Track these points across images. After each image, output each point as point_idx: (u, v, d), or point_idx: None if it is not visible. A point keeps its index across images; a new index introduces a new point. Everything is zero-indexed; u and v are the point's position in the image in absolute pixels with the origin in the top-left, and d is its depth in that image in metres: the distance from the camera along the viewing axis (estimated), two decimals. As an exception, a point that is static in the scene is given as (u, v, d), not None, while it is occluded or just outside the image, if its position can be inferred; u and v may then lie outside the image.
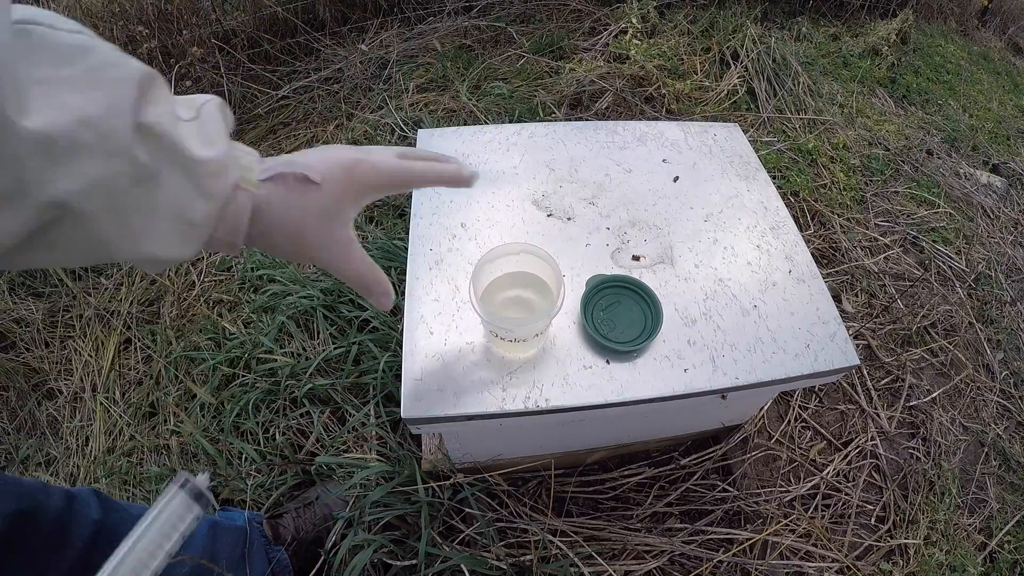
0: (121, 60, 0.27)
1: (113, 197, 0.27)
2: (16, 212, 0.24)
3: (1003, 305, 1.30)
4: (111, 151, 0.26)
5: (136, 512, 0.61)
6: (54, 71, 0.25)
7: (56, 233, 0.26)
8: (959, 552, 0.90)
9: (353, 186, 0.36)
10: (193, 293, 1.15)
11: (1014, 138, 1.85)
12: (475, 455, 0.78)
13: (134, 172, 0.27)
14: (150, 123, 0.28)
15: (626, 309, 0.63)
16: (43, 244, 0.26)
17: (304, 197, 0.34)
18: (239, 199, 0.32)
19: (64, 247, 0.27)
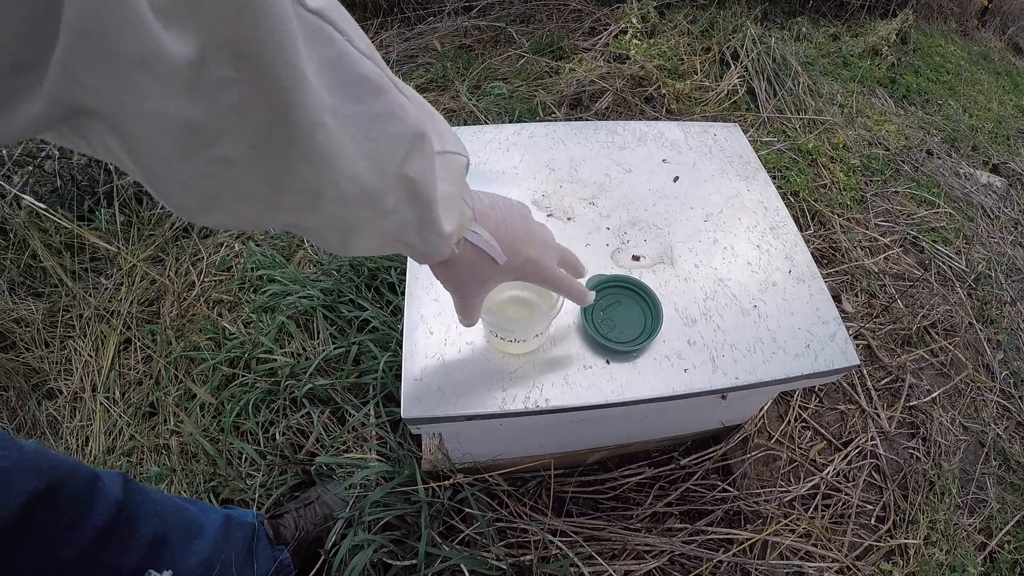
0: (401, 112, 0.28)
1: (348, 227, 0.30)
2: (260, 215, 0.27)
3: (1003, 305, 1.30)
4: (364, 203, 0.29)
5: (157, 497, 0.61)
6: (343, 104, 0.24)
7: (284, 228, 0.29)
8: (959, 552, 0.90)
9: (517, 274, 0.45)
10: (193, 293, 1.15)
11: (1014, 138, 1.85)
12: (475, 455, 0.78)
13: (377, 215, 0.30)
14: (411, 177, 0.30)
15: (626, 309, 0.63)
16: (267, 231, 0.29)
17: (481, 267, 0.42)
18: (444, 250, 0.38)
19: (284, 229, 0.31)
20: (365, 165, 0.27)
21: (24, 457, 0.47)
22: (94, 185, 1.30)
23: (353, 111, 0.25)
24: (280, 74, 0.21)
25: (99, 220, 1.25)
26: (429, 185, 0.31)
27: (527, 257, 0.44)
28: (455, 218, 0.36)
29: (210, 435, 0.93)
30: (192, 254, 1.23)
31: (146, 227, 1.29)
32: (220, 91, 0.20)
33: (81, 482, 0.52)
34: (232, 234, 1.25)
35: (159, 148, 0.20)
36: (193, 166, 0.22)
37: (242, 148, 0.22)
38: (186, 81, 0.19)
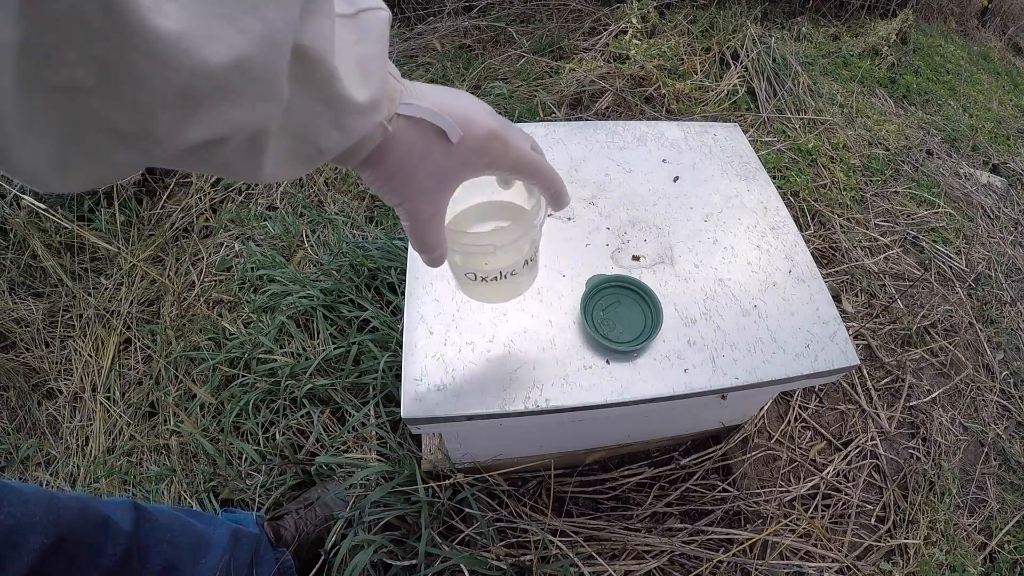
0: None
1: (251, 139, 0.24)
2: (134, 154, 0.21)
3: (1003, 305, 1.30)
4: (262, 95, 0.22)
5: (166, 520, 0.61)
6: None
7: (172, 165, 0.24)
8: (959, 552, 0.90)
9: (480, 159, 0.35)
10: (193, 293, 1.15)
11: (1014, 138, 1.85)
12: (475, 455, 0.78)
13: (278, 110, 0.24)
14: (306, 46, 0.23)
15: (626, 309, 0.63)
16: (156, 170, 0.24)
17: (430, 151, 0.32)
18: (374, 135, 0.30)
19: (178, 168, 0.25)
20: (245, 42, 0.21)
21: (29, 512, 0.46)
22: (94, 185, 1.29)
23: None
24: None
25: (99, 220, 1.25)
26: (327, 53, 0.25)
27: (490, 130, 0.34)
28: (377, 83, 0.28)
29: (210, 435, 0.93)
30: (192, 254, 1.23)
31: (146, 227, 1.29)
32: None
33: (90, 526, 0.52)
34: (232, 234, 1.25)
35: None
36: (38, 98, 0.18)
37: (87, 70, 0.18)
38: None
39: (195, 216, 1.30)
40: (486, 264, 0.44)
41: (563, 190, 0.41)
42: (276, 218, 1.25)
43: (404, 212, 0.35)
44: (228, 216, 1.28)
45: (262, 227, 1.24)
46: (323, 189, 1.32)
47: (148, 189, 1.36)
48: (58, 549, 0.48)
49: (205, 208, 1.32)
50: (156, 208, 1.32)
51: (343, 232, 1.18)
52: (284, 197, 1.32)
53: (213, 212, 1.32)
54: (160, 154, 0.22)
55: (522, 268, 0.46)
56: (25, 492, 0.48)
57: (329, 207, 1.27)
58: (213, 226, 1.28)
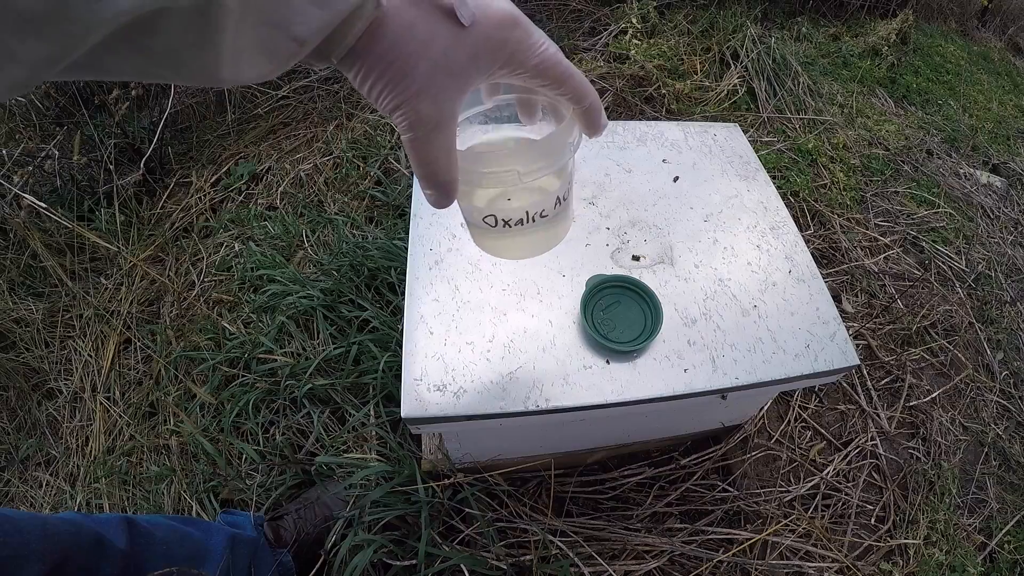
0: None
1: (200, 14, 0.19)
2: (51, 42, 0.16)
3: (1003, 305, 1.30)
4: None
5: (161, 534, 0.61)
6: None
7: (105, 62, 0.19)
8: (959, 552, 0.90)
9: (497, 51, 0.27)
10: (193, 293, 1.15)
11: (1014, 138, 1.85)
12: (475, 455, 0.78)
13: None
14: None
15: (626, 309, 0.63)
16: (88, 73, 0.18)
17: (435, 35, 0.25)
18: (363, 9, 0.23)
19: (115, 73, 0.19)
20: None
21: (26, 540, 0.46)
22: (94, 185, 1.30)
23: None
24: None
25: (99, 220, 1.25)
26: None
27: (509, 14, 0.27)
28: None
29: (210, 435, 0.93)
30: (192, 254, 1.23)
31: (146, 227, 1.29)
32: None
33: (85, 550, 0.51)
34: (232, 234, 1.25)
35: None
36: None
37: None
38: None
39: (195, 216, 1.30)
40: (508, 200, 0.33)
41: (598, 106, 0.32)
42: (276, 218, 1.25)
43: (403, 119, 0.27)
44: (228, 216, 1.28)
45: (262, 227, 1.24)
46: (323, 189, 1.32)
47: (148, 189, 1.36)
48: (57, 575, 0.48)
49: (205, 208, 1.32)
50: (156, 208, 1.32)
51: (343, 232, 1.18)
52: (284, 197, 1.32)
53: (213, 212, 1.33)
54: (81, 38, 0.17)
55: (553, 209, 0.35)
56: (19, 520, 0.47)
57: (329, 207, 1.27)
58: (213, 226, 1.28)
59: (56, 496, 0.94)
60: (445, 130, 0.27)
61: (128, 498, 0.91)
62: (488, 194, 0.33)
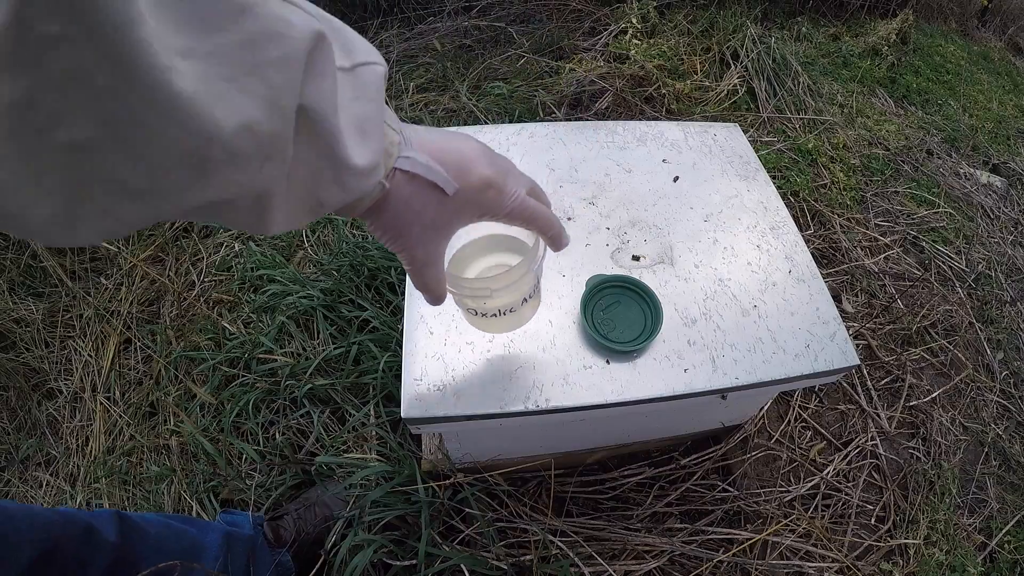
0: (285, 26, 0.22)
1: (258, 198, 0.24)
2: (143, 210, 0.21)
3: (1003, 305, 1.30)
4: (268, 156, 0.23)
5: (154, 529, 0.61)
6: (199, 39, 0.19)
7: (187, 218, 0.24)
8: (959, 552, 0.90)
9: (474, 209, 0.35)
10: (193, 293, 1.15)
11: (1014, 138, 1.85)
12: (475, 455, 0.78)
13: (284, 170, 0.24)
14: (309, 106, 0.24)
15: (626, 309, 0.63)
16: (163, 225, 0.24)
17: (426, 205, 0.33)
18: (372, 192, 0.30)
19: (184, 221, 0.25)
20: (252, 106, 0.21)
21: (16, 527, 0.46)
22: (94, 185, 1.29)
23: (216, 44, 0.19)
24: (110, 13, 0.16)
25: (99, 220, 1.25)
26: (329, 114, 0.25)
27: (483, 179, 0.34)
28: (375, 145, 0.28)
29: (210, 435, 0.93)
30: (192, 254, 1.23)
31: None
32: (47, 54, 0.16)
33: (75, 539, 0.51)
34: (232, 234, 1.25)
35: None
36: (41, 159, 0.18)
37: (92, 127, 0.18)
38: (3, 53, 0.15)
39: (195, 216, 1.30)
40: (485, 304, 0.45)
41: (560, 233, 0.41)
42: (276, 218, 1.24)
43: (403, 258, 0.36)
44: (228, 216, 1.28)
45: (262, 227, 1.24)
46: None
47: (148, 189, 1.36)
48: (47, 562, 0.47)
49: (205, 208, 1.32)
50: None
51: (343, 232, 1.18)
52: (284, 197, 1.32)
53: (213, 212, 1.32)
54: (167, 209, 0.22)
55: (521, 305, 0.48)
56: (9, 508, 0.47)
57: (329, 207, 1.27)
58: (213, 226, 1.28)
59: (56, 496, 0.94)
60: (434, 266, 0.37)
61: (128, 498, 0.91)
62: (471, 300, 0.45)
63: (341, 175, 0.27)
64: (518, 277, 0.44)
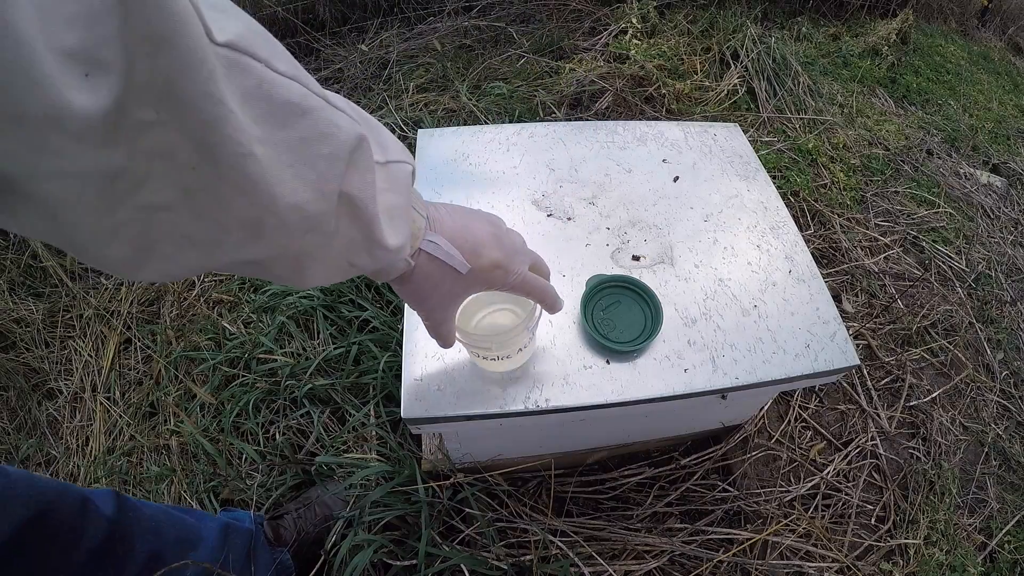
0: (333, 129, 0.27)
1: (298, 257, 0.29)
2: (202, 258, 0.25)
3: (1003, 305, 1.30)
4: (310, 228, 0.28)
5: (151, 512, 0.61)
6: (270, 133, 0.24)
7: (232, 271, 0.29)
8: (959, 552, 0.90)
9: (484, 283, 0.43)
10: (193, 293, 1.15)
11: (1014, 138, 1.85)
12: (475, 455, 0.78)
13: (323, 240, 0.29)
14: (351, 193, 0.29)
15: (626, 309, 0.63)
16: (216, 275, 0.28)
17: (442, 279, 0.40)
18: (398, 264, 0.36)
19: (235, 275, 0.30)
20: (304, 190, 0.26)
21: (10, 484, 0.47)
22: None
23: (281, 138, 0.24)
24: (202, 109, 0.20)
25: (99, 220, 1.25)
26: (369, 201, 0.30)
27: (492, 262, 0.41)
28: (403, 229, 0.34)
29: (210, 435, 0.93)
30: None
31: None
32: (141, 135, 0.19)
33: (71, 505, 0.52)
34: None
35: (80, 204, 0.19)
36: (121, 214, 0.21)
37: (171, 192, 0.22)
38: (102, 132, 0.18)
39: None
40: (487, 352, 0.54)
41: (554, 301, 0.49)
42: (276, 218, 1.25)
43: (422, 316, 0.44)
44: (228, 216, 1.28)
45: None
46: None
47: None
48: (40, 524, 0.48)
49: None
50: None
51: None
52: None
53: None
54: (221, 260, 0.26)
55: (516, 354, 0.55)
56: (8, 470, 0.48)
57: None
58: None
59: (56, 496, 0.94)
60: (447, 323, 0.45)
61: (128, 498, 0.91)
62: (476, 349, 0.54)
63: (374, 250, 0.33)
64: (516, 336, 0.52)
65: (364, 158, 0.29)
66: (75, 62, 0.17)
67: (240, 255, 0.26)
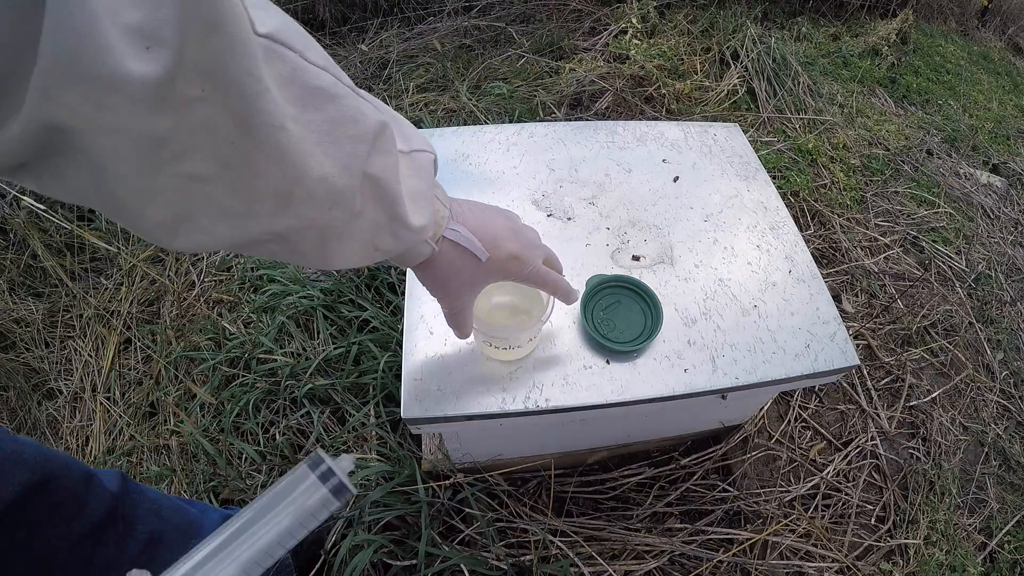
0: (358, 114, 0.29)
1: (322, 232, 0.31)
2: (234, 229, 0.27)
3: (1003, 305, 1.30)
4: (336, 203, 0.30)
5: (155, 496, 0.61)
6: (301, 113, 0.26)
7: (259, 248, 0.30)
8: (959, 552, 0.90)
9: (501, 273, 0.45)
10: (193, 293, 1.15)
11: (1014, 138, 1.85)
12: (475, 455, 0.78)
13: (347, 216, 0.31)
14: (375, 175, 0.31)
15: (626, 309, 0.63)
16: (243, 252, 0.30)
17: (463, 265, 0.42)
18: (421, 247, 0.39)
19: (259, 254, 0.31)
20: (331, 165, 0.28)
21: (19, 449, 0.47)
22: (94, 185, 1.29)
23: (312, 118, 0.27)
24: (244, 86, 0.23)
25: (99, 220, 1.25)
26: (393, 182, 0.32)
27: (510, 253, 0.44)
28: (426, 212, 0.36)
29: (210, 435, 0.93)
30: (192, 254, 1.23)
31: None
32: (188, 109, 0.22)
33: (76, 477, 0.52)
34: (232, 234, 1.25)
35: (128, 162, 0.22)
36: (163, 180, 0.23)
37: (211, 165, 0.24)
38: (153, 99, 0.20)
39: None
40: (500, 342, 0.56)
41: (567, 293, 0.51)
42: (276, 218, 1.24)
43: (442, 303, 0.47)
44: (228, 216, 1.28)
45: (262, 227, 1.24)
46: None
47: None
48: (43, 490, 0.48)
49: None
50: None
51: (343, 232, 1.18)
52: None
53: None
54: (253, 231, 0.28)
55: (526, 344, 0.58)
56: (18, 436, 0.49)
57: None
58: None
59: (56, 496, 0.93)
60: (466, 310, 0.47)
61: (128, 498, 0.91)
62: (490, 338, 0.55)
63: (398, 230, 0.35)
64: (528, 329, 0.55)
65: (387, 144, 0.32)
66: (137, 36, 0.19)
67: (270, 226, 0.28)
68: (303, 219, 0.29)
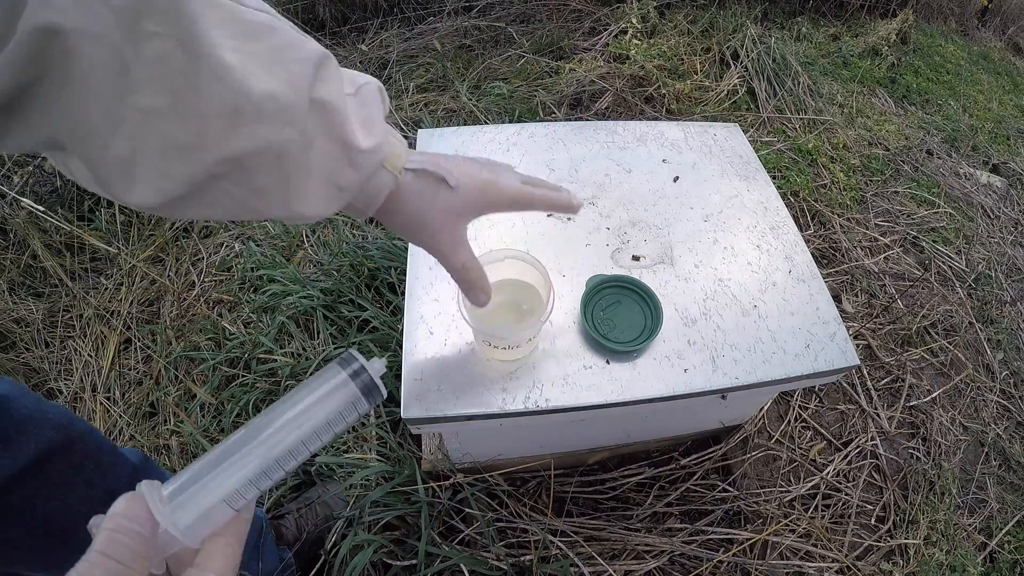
0: (300, 42, 0.30)
1: (279, 158, 0.30)
2: (189, 164, 0.27)
3: (1003, 305, 1.30)
4: (287, 121, 0.30)
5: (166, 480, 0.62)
6: (243, 44, 0.27)
7: (219, 188, 0.30)
8: (959, 552, 0.90)
9: (481, 200, 0.42)
10: (193, 293, 1.15)
11: (1014, 138, 1.85)
12: (475, 455, 0.78)
13: (301, 140, 0.31)
14: (322, 99, 0.31)
15: (626, 309, 0.63)
16: (206, 199, 0.30)
17: (436, 195, 0.39)
18: (382, 177, 0.36)
19: (224, 202, 0.31)
20: (276, 83, 0.29)
21: (44, 409, 0.47)
22: (94, 185, 1.29)
23: (255, 48, 0.28)
24: (191, 19, 0.25)
25: (99, 220, 1.25)
26: (340, 106, 0.32)
27: (484, 179, 0.41)
28: (376, 133, 0.35)
29: (210, 435, 0.93)
30: (192, 254, 1.23)
31: (146, 227, 1.28)
32: (148, 42, 0.24)
33: (98, 443, 0.52)
34: (232, 234, 1.25)
35: (103, 81, 0.24)
36: (123, 110, 0.25)
37: (162, 98, 0.25)
38: (126, 21, 0.23)
39: (195, 216, 1.30)
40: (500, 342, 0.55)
41: (565, 203, 0.46)
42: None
43: (432, 248, 0.42)
44: (228, 216, 1.28)
45: (262, 227, 1.24)
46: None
47: (148, 189, 1.36)
48: (67, 451, 0.48)
49: (205, 208, 1.32)
50: (156, 208, 1.32)
51: (343, 232, 1.18)
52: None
53: (213, 212, 1.32)
54: (206, 159, 0.28)
55: (526, 344, 0.57)
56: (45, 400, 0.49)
57: (329, 207, 1.27)
58: (213, 226, 1.28)
59: (56, 496, 0.93)
60: (462, 247, 0.43)
61: (128, 498, 0.91)
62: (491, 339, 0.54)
63: (352, 155, 0.34)
64: (530, 328, 0.54)
65: (331, 72, 0.32)
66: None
67: (223, 150, 0.28)
68: (256, 139, 0.29)
